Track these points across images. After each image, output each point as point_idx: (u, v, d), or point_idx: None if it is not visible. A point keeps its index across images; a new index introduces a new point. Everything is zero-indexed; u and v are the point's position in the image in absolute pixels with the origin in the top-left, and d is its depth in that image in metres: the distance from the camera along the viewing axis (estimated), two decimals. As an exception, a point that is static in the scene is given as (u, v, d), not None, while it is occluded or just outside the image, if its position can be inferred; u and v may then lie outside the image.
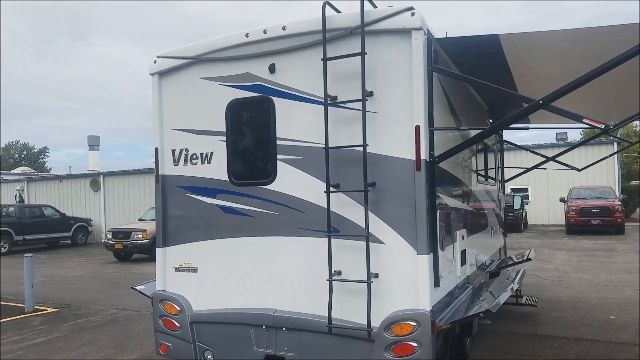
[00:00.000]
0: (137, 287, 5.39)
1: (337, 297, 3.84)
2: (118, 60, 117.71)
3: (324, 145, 3.90)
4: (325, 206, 3.92)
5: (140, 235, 16.64)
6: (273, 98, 4.17)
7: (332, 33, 3.85)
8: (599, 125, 3.34)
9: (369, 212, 3.76)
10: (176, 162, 4.62)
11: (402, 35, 3.69)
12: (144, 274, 14.09)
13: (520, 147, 10.84)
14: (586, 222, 20.52)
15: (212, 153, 4.46)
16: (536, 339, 6.66)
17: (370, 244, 3.73)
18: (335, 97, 3.87)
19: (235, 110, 4.36)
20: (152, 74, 4.69)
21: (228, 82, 4.37)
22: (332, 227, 3.88)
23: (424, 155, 3.65)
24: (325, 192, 3.85)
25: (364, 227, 3.79)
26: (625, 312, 7.89)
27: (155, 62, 4.67)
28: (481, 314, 3.78)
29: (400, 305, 3.70)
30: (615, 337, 6.65)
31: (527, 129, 7.19)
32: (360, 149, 3.78)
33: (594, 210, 20.58)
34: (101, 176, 28.13)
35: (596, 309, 8.18)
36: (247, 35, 4.19)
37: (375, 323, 3.70)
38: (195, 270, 4.54)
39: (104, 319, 8.65)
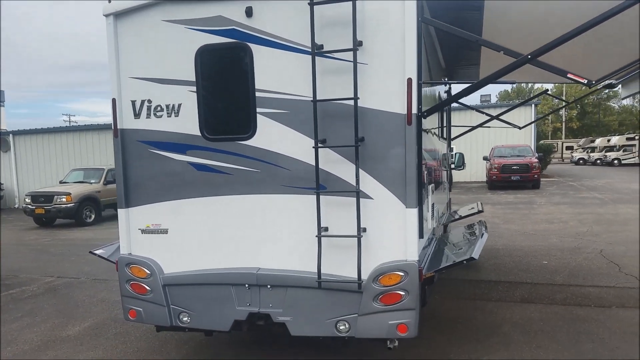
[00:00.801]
0: (96, 252, 5.04)
1: (324, 253, 3.80)
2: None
3: (308, 98, 3.75)
4: (310, 162, 3.81)
5: (64, 199, 15.58)
6: (250, 45, 3.90)
7: (319, -23, 3.63)
8: (583, 80, 3.47)
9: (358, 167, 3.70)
10: (137, 114, 4.25)
11: None
12: (74, 240, 13.31)
13: (469, 107, 11.17)
14: (507, 178, 21.94)
15: (180, 105, 4.14)
16: (482, 284, 7.10)
17: (361, 199, 3.69)
18: (321, 46, 3.70)
19: (206, 57, 4.04)
20: (107, 15, 4.21)
21: (197, 25, 4.02)
22: (319, 183, 3.79)
23: (415, 109, 3.62)
24: (313, 147, 3.73)
25: (351, 183, 3.74)
26: (555, 258, 8.60)
27: (109, 1, 4.20)
28: (464, 262, 3.91)
29: (387, 257, 3.73)
30: (551, 279, 7.24)
31: (513, 83, 7.39)
32: (348, 102, 3.67)
33: (514, 167, 22.01)
34: (10, 135, 25.74)
35: (529, 255, 8.84)
36: None
37: (363, 276, 3.72)
38: (165, 231, 4.28)
39: (40, 288, 8.08)
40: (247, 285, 4.02)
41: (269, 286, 3.97)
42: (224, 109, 4.13)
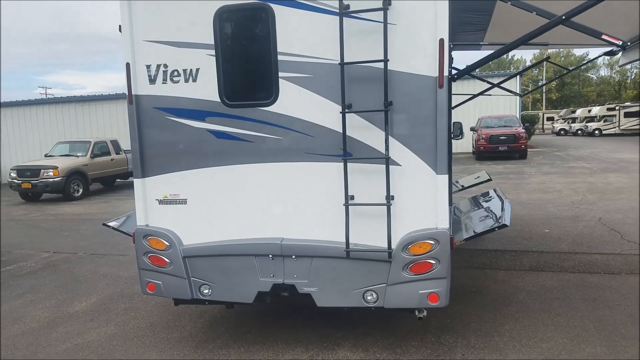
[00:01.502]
0: (110, 224, 4.87)
1: (350, 222, 3.71)
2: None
3: (333, 61, 3.61)
4: (335, 129, 3.69)
5: (51, 173, 15.18)
6: (272, 5, 3.71)
7: None
8: (617, 42, 3.39)
9: (385, 133, 3.59)
10: (152, 80, 4.04)
11: None
12: (64, 215, 13.03)
13: (473, 76, 10.95)
14: (494, 149, 22.04)
15: (198, 69, 3.94)
16: (489, 253, 7.12)
17: (390, 166, 3.59)
18: (347, 6, 3.53)
19: (225, 19, 3.84)
20: None
21: (215, -15, 3.81)
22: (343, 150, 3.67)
23: (446, 71, 3.50)
24: (340, 113, 3.59)
25: (378, 149, 3.63)
26: (556, 226, 8.67)
27: (122, -38, 3.95)
28: (496, 229, 3.87)
29: (417, 226, 3.65)
30: (556, 247, 7.29)
31: (546, 45, 7.24)
32: (376, 65, 3.54)
33: (502, 137, 22.10)
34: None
35: (530, 224, 8.89)
36: None
37: (393, 245, 3.65)
38: (184, 202, 4.13)
39: (38, 264, 7.88)
40: (270, 256, 3.92)
41: (293, 256, 3.88)
42: (244, 73, 3.95)
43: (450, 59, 7.19)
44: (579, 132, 46.57)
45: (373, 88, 3.58)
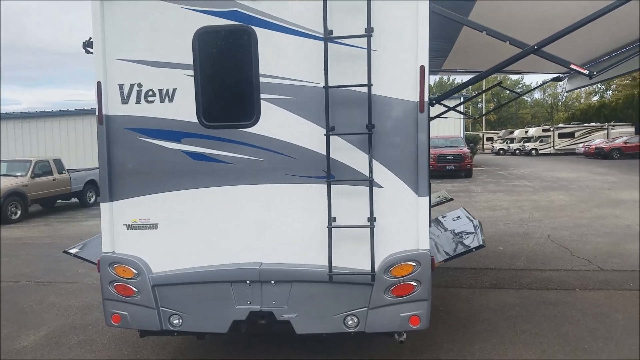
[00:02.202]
0: (71, 251, 4.59)
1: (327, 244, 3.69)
2: None
3: (316, 84, 3.63)
4: (318, 151, 3.69)
5: (-14, 193, 14.19)
6: (255, 28, 3.69)
7: (331, -40, 3.49)
8: (585, 72, 3.60)
9: (367, 155, 3.62)
10: (125, 99, 3.89)
11: None
12: (1, 239, 12.18)
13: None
14: (442, 168, 22.80)
15: (174, 90, 3.83)
16: (450, 271, 7.28)
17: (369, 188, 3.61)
18: (331, 32, 3.56)
19: (205, 40, 3.77)
20: None
21: (196, 6, 3.73)
22: (326, 171, 3.66)
23: (427, 97, 3.59)
24: (324, 135, 3.58)
25: (360, 171, 3.65)
26: (509, 243, 9.01)
27: (95, -23, 3.81)
28: (473, 249, 3.95)
29: (398, 247, 3.68)
30: (512, 265, 7.57)
31: (519, 73, 7.51)
32: (358, 89, 3.58)
33: (449, 157, 22.92)
34: None
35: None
36: None
37: (375, 267, 3.65)
38: (154, 227, 3.96)
39: (-23, 292, 7.29)
40: (248, 282, 3.82)
41: (272, 282, 3.80)
42: (224, 94, 3.88)
43: None
44: (517, 151, 49.00)
45: (355, 111, 3.61)
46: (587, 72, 3.61)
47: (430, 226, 3.81)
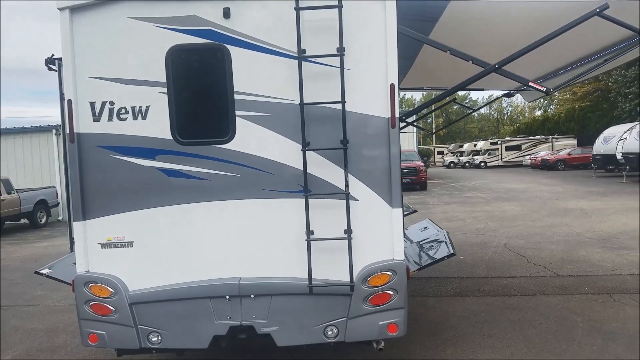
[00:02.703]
0: (43, 271, 4.44)
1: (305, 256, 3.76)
2: None
3: (290, 101, 3.72)
4: (293, 165, 3.77)
5: None
6: (228, 47, 3.75)
7: (304, -19, 3.61)
8: (542, 89, 3.86)
9: (342, 169, 3.73)
10: (97, 117, 3.85)
11: None
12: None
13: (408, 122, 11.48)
14: (399, 181, 23.23)
15: (148, 107, 3.82)
16: (415, 280, 7.45)
17: (344, 201, 3.72)
18: (304, 50, 3.67)
19: (178, 57, 3.79)
20: (61, 9, 3.76)
21: (168, 24, 3.76)
22: (302, 186, 3.74)
23: (397, 113, 3.74)
24: (301, 150, 3.67)
25: (335, 185, 3.75)
26: (468, 252, 9.32)
27: (64, -6, 3.78)
28: (445, 257, 4.12)
29: (375, 258, 3.79)
30: (474, 273, 7.85)
31: (482, 90, 7.79)
32: (331, 106, 3.70)
33: (405, 170, 23.33)
34: None
35: (445, 252, 9.46)
36: None
37: (353, 277, 3.74)
38: (130, 244, 3.91)
39: None
40: (227, 297, 3.83)
41: (252, 296, 3.82)
42: (199, 111, 3.91)
43: None
44: (467, 164, 50.70)
45: (329, 127, 3.73)
46: (544, 89, 3.87)
47: (404, 236, 3.94)
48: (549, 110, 65.89)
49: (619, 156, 24.39)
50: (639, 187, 14.29)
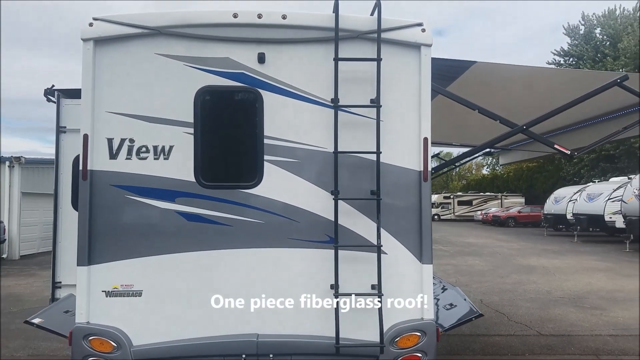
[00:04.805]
0: (34, 321, 3.97)
1: (333, 314, 3.56)
2: None
3: (322, 149, 3.64)
4: (322, 214, 3.64)
5: None
6: (261, 91, 3.65)
7: (340, 33, 3.61)
8: (567, 151, 3.95)
9: (371, 221, 3.62)
10: (114, 154, 3.60)
11: (411, 49, 3.67)
12: None
13: None
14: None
15: (171, 147, 3.62)
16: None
17: (373, 254, 3.58)
18: (338, 100, 3.62)
19: (208, 98, 3.65)
20: (85, 40, 3.58)
21: (199, 64, 3.64)
22: (330, 236, 3.60)
23: (430, 166, 3.71)
24: (333, 199, 3.54)
25: (364, 237, 3.64)
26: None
27: (91, 25, 3.59)
28: (473, 318, 4.02)
29: (403, 317, 3.64)
30: (459, 331, 7.64)
31: (508, 149, 7.84)
32: (364, 156, 3.64)
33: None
34: None
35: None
36: (235, 16, 3.58)
37: (377, 337, 3.56)
38: (138, 294, 3.58)
39: None
40: (243, 356, 3.55)
41: (271, 355, 3.56)
42: (226, 154, 3.76)
43: None
44: (422, 217, 51.62)
45: (359, 177, 3.66)
46: (568, 152, 3.95)
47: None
48: (497, 168, 68.83)
49: (569, 216, 25.55)
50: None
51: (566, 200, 26.57)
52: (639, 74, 4.04)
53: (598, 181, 28.45)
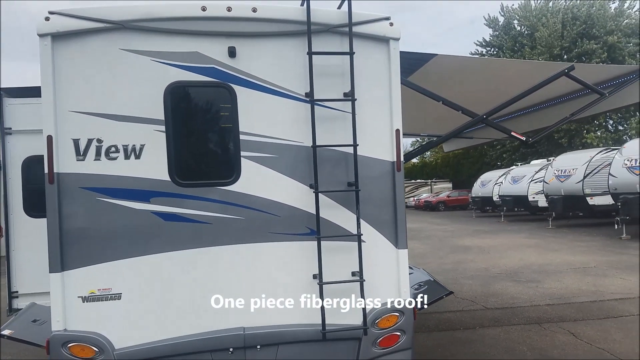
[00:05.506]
0: (4, 333, 3.72)
1: (316, 301, 3.65)
2: None
3: (298, 143, 3.69)
4: (301, 208, 3.70)
5: None
6: (234, 86, 3.63)
7: (311, 27, 3.65)
8: (522, 138, 4.25)
9: (349, 211, 3.73)
10: (81, 155, 3.45)
11: (380, 42, 3.78)
12: None
13: None
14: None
15: (142, 146, 3.52)
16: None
17: (352, 243, 3.69)
18: (313, 94, 3.68)
19: (178, 95, 3.57)
20: (42, 35, 3.38)
21: (167, 59, 3.55)
22: (310, 228, 3.68)
23: (402, 157, 3.87)
24: (313, 192, 3.60)
25: (343, 227, 3.74)
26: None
27: (47, 19, 3.39)
28: (444, 296, 4.24)
29: (382, 299, 3.79)
30: (412, 311, 8.09)
31: (471, 138, 8.00)
32: (339, 149, 3.73)
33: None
34: None
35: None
36: (203, 9, 3.53)
37: (359, 320, 3.69)
38: (117, 297, 3.47)
39: None
40: (231, 350, 3.56)
41: (258, 347, 3.59)
42: (201, 151, 3.70)
43: None
44: (356, 206, 52.70)
45: (336, 169, 3.75)
46: (524, 138, 4.26)
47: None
48: (426, 156, 71.53)
49: (495, 198, 27.14)
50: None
51: (492, 183, 28.17)
52: (583, 64, 4.43)
53: (521, 164, 30.42)
